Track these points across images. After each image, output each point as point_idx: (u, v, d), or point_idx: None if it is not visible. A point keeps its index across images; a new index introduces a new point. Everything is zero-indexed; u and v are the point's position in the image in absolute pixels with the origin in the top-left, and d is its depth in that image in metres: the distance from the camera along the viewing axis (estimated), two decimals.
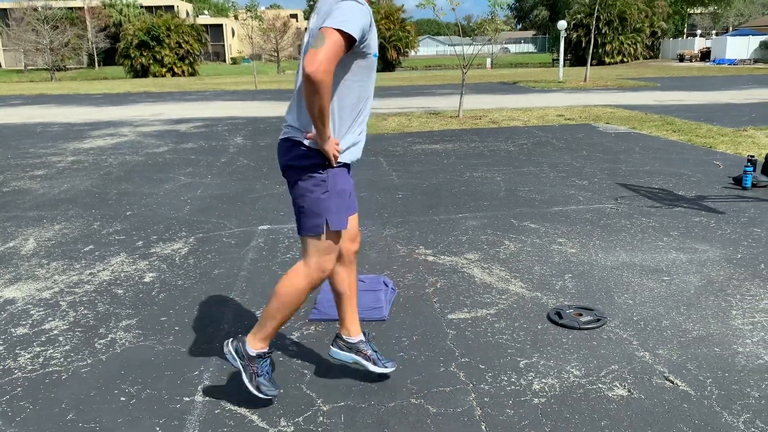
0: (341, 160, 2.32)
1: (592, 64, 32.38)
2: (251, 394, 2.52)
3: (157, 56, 44.11)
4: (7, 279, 4.22)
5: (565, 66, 33.06)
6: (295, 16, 74.02)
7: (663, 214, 5.40)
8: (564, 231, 5.00)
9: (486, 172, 7.44)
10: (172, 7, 62.20)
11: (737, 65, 38.01)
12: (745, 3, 56.73)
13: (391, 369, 2.72)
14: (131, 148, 10.08)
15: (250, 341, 2.52)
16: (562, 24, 24.99)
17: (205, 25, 59.06)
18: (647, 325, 3.28)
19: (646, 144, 9.16)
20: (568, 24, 40.36)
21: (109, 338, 3.29)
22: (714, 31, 55.64)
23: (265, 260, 4.46)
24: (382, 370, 2.70)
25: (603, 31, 44.77)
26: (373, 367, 2.69)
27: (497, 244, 4.70)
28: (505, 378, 2.80)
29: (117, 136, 11.80)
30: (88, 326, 3.44)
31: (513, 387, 2.73)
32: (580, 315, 3.38)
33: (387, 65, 47.34)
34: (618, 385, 2.72)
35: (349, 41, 2.10)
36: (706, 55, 45.25)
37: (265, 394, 2.50)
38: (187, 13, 63.98)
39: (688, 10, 58.07)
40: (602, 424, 2.45)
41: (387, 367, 2.71)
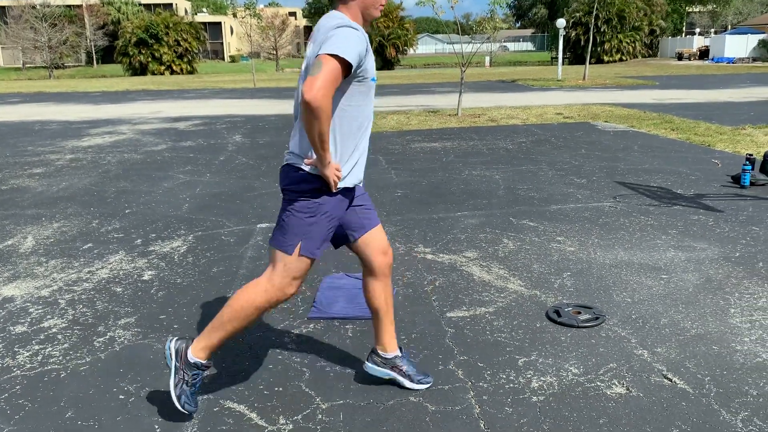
0: (343, 184, 2.33)
1: (590, 63, 32.37)
2: (171, 399, 2.42)
3: (156, 54, 44.11)
4: (5, 277, 4.22)
5: (563, 64, 33.09)
6: (293, 14, 74.00)
7: (661, 213, 5.41)
8: (563, 229, 5.00)
9: (485, 170, 7.45)
10: (171, 4, 62.14)
11: (736, 64, 38.04)
12: (743, 1, 56.77)
13: (426, 386, 2.69)
14: (130, 146, 10.08)
15: (193, 346, 2.46)
16: (561, 22, 24.98)
17: (204, 23, 59.05)
18: (646, 324, 3.29)
19: (644, 142, 9.17)
20: (567, 22, 40.35)
21: (108, 336, 3.29)
22: (712, 30, 55.69)
23: (264, 258, 4.46)
24: (418, 387, 2.67)
25: (602, 30, 44.79)
26: (409, 384, 2.67)
27: (496, 243, 4.70)
28: (504, 376, 2.80)
29: (115, 134, 11.79)
30: (87, 324, 3.44)
31: (512, 385, 2.73)
32: (579, 313, 3.38)
33: (386, 63, 47.35)
34: (616, 384, 2.72)
35: (346, 67, 2.13)
36: (704, 54, 45.29)
37: (182, 406, 2.40)
38: (186, 11, 63.90)
39: (687, 8, 58.12)
40: (601, 422, 2.45)
41: (422, 383, 2.68)
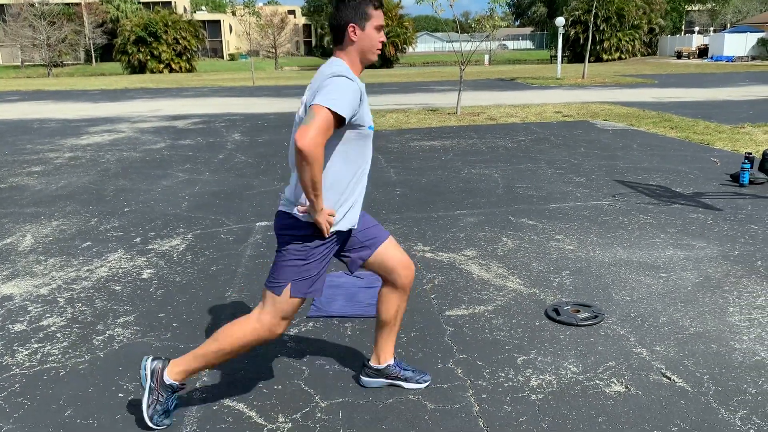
0: (335, 228, 2.36)
1: (589, 61, 32.37)
2: (142, 416, 2.41)
3: (155, 52, 44.08)
4: (4, 275, 4.22)
5: (563, 63, 33.09)
6: (292, 12, 73.89)
7: (660, 211, 5.41)
8: (562, 228, 5.00)
9: (484, 168, 7.45)
10: (170, 2, 62.04)
11: (735, 62, 38.06)
12: (742, 0, 56.73)
13: (425, 384, 2.72)
14: (129, 145, 10.07)
15: (170, 368, 2.42)
16: (560, 21, 24.98)
17: (203, 21, 59.00)
18: (644, 322, 3.29)
19: (643, 141, 9.17)
20: (566, 21, 40.33)
21: (107, 335, 3.29)
22: (712, 28, 55.68)
23: (263, 257, 4.46)
24: (417, 386, 2.71)
25: (601, 28, 44.77)
26: (407, 385, 2.71)
27: (495, 241, 4.71)
28: (503, 374, 2.81)
29: (114, 132, 11.78)
30: (86, 323, 3.44)
31: (511, 383, 2.73)
32: (578, 312, 3.38)
33: (385, 62, 47.32)
34: (615, 382, 2.73)
35: (339, 118, 2.17)
36: (703, 52, 45.31)
37: (156, 424, 2.41)
38: (185, 9, 63.80)
39: (686, 6, 58.14)
40: (599, 420, 2.45)
41: (421, 382, 2.72)
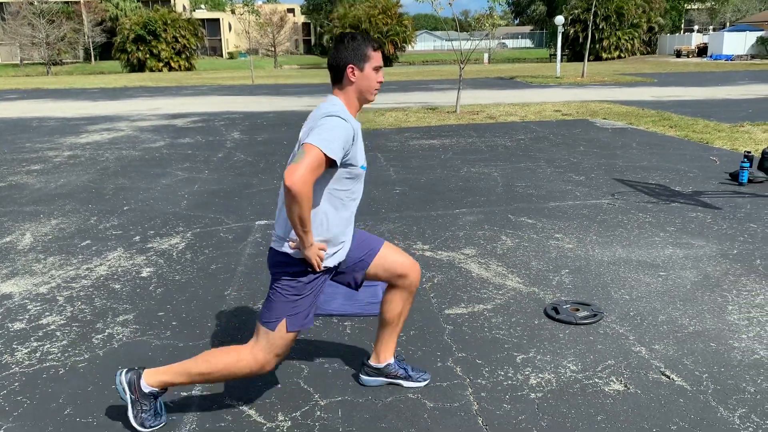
0: (327, 264, 2.37)
1: (589, 60, 32.34)
2: (135, 429, 2.41)
3: (154, 51, 44.01)
4: (4, 274, 4.22)
5: (562, 61, 33.05)
6: (292, 11, 73.82)
7: (659, 210, 5.41)
8: (561, 226, 5.01)
9: (483, 167, 7.45)
10: (169, 1, 61.97)
11: (734, 61, 38.05)
12: None
13: (424, 383, 2.72)
14: (128, 143, 10.06)
15: (148, 376, 2.40)
16: (560, 19, 24.96)
17: (202, 20, 58.93)
18: (644, 321, 3.30)
19: (642, 140, 9.17)
20: (566, 19, 40.32)
21: (106, 333, 3.29)
22: (711, 27, 55.64)
23: (263, 255, 4.46)
24: (416, 385, 2.71)
25: (600, 27, 44.73)
26: (407, 384, 2.71)
27: (494, 240, 4.71)
28: (502, 373, 2.81)
29: (114, 130, 11.77)
30: (86, 321, 3.44)
31: (510, 382, 2.74)
32: (577, 310, 3.39)
33: (384, 60, 47.11)
34: (614, 380, 2.73)
35: (329, 159, 2.19)
36: (702, 51, 45.29)
37: (150, 427, 2.43)
38: (184, 8, 63.70)
39: (686, 5, 58.09)
40: (599, 418, 2.46)
41: (420, 381, 2.72)
